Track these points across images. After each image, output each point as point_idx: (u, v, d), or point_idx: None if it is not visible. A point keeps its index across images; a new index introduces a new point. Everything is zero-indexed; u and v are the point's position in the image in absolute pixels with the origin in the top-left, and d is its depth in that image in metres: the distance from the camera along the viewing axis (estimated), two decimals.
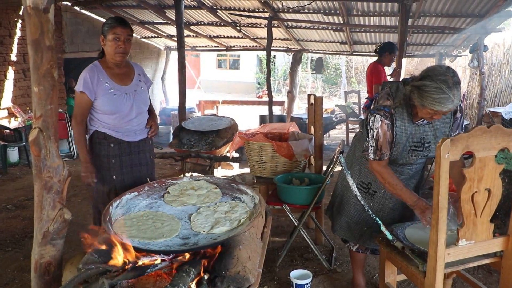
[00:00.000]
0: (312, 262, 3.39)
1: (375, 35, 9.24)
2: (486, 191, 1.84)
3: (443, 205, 1.72)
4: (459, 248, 1.92)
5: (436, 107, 2.08)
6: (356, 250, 2.79)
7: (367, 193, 2.61)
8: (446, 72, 2.09)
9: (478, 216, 1.87)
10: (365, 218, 2.58)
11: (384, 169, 2.36)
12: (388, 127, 2.31)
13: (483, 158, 1.77)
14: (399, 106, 2.31)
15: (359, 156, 2.62)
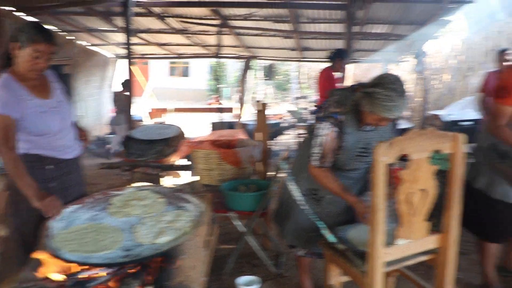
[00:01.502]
0: (260, 268, 3.41)
1: (324, 41, 9.44)
2: (421, 191, 1.92)
3: (379, 207, 1.79)
4: (397, 247, 1.99)
5: (385, 114, 2.17)
6: (303, 255, 2.83)
7: (314, 199, 2.64)
8: (396, 81, 2.19)
9: (414, 216, 1.95)
10: (312, 223, 2.63)
11: (323, 173, 2.41)
12: (335, 135, 2.37)
13: (418, 160, 1.85)
14: (348, 113, 2.38)
15: (306, 162, 2.65)
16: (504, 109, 2.57)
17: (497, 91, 2.63)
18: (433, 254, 2.17)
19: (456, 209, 2.03)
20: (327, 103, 2.51)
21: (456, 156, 1.95)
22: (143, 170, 4.82)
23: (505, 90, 2.56)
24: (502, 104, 2.58)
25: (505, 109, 2.57)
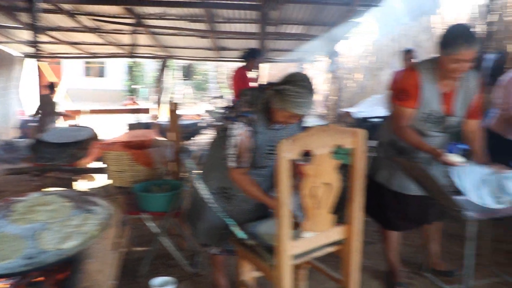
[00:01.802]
0: (176, 268, 3.39)
1: (240, 41, 9.53)
2: (325, 185, 2.00)
3: (284, 202, 1.84)
4: (304, 240, 2.06)
5: (295, 110, 2.25)
6: (216, 253, 2.85)
7: (225, 197, 2.66)
8: (305, 79, 2.28)
9: (319, 209, 2.03)
10: (222, 221, 2.64)
11: (243, 177, 2.42)
12: (249, 134, 2.40)
13: (321, 155, 1.93)
14: (258, 112, 2.42)
15: (216, 161, 2.65)
16: (404, 111, 2.71)
17: (398, 93, 2.76)
18: (339, 245, 2.27)
19: (358, 201, 2.13)
20: (238, 103, 2.53)
21: (357, 151, 2.05)
22: (55, 174, 4.62)
23: (405, 93, 2.69)
24: (403, 106, 2.71)
25: (406, 111, 2.70)
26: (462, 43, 2.45)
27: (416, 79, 2.66)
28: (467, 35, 2.48)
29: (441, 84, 2.69)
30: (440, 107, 2.72)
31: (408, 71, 2.75)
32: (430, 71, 2.68)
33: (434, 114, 2.72)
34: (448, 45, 2.50)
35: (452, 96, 2.74)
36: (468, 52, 2.46)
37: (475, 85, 2.77)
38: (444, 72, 2.62)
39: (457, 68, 2.53)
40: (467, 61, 2.51)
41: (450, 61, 2.52)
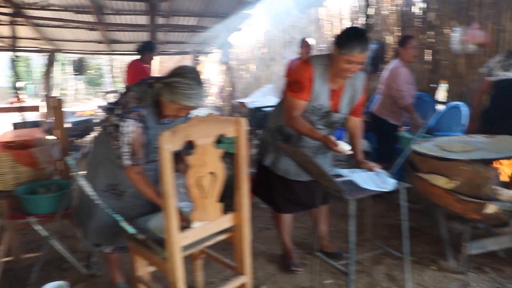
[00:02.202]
0: (71, 272, 3.26)
1: (132, 33, 9.26)
2: (210, 174, 2.03)
3: (169, 193, 1.84)
4: (195, 230, 2.07)
5: (186, 102, 2.26)
6: (110, 252, 2.78)
7: (115, 194, 2.60)
8: (193, 71, 2.31)
9: (206, 198, 2.05)
10: (112, 218, 2.58)
11: (139, 177, 2.38)
12: (141, 130, 2.35)
13: (204, 145, 1.95)
14: (148, 107, 2.38)
15: (103, 158, 2.58)
16: (297, 102, 2.78)
17: (292, 84, 2.82)
18: (230, 232, 2.31)
19: (245, 188, 2.19)
20: (123, 98, 2.45)
21: (240, 139, 2.10)
22: None
23: (299, 84, 2.76)
24: (296, 98, 2.78)
25: (299, 102, 2.78)
26: (356, 46, 2.56)
27: (310, 73, 2.75)
28: (361, 38, 2.60)
29: (332, 81, 2.81)
30: (328, 102, 2.85)
31: (303, 64, 2.82)
32: (322, 67, 2.77)
33: (322, 108, 2.84)
34: (342, 46, 2.60)
35: (340, 94, 2.88)
36: (360, 55, 2.59)
37: (361, 85, 2.93)
38: (335, 70, 2.73)
39: (348, 68, 2.65)
40: (359, 63, 2.64)
41: (343, 61, 2.62)
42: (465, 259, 3.08)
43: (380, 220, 4.15)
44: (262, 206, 4.40)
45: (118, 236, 2.62)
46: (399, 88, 4.49)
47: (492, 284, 2.95)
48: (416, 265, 3.22)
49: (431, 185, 2.90)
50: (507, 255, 3.28)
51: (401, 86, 4.50)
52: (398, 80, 4.50)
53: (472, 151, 3.07)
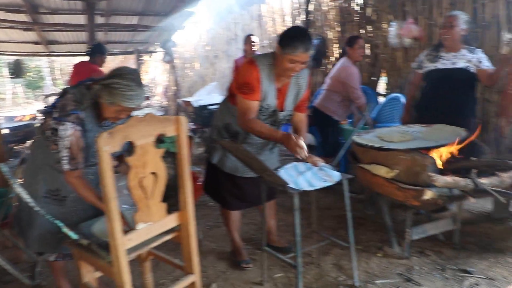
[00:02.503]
0: (14, 284, 3.13)
1: (71, 34, 8.97)
2: (152, 175, 2.00)
3: (111, 196, 1.80)
4: (139, 232, 2.04)
5: (126, 104, 2.21)
6: (55, 260, 2.69)
7: (57, 199, 2.52)
8: (133, 72, 2.27)
9: (149, 199, 2.03)
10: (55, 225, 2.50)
11: (79, 181, 2.31)
12: (80, 134, 2.28)
13: (144, 145, 1.92)
14: (86, 109, 2.31)
15: (42, 163, 2.49)
16: (251, 104, 2.74)
17: (242, 87, 2.76)
18: (176, 232, 2.29)
19: (188, 186, 2.17)
20: (60, 101, 2.37)
21: (180, 138, 2.09)
22: None
23: (248, 86, 2.72)
24: (248, 99, 2.73)
25: (252, 104, 2.74)
26: (299, 46, 2.57)
27: (257, 73, 2.73)
28: (304, 38, 2.60)
29: (277, 80, 2.81)
30: (275, 102, 2.85)
31: (248, 65, 2.78)
32: (267, 67, 2.76)
33: (269, 108, 2.85)
34: (285, 46, 2.60)
35: (285, 92, 2.90)
36: (304, 55, 2.61)
37: (305, 81, 2.95)
38: (279, 69, 2.73)
39: (292, 68, 2.66)
40: (302, 63, 2.65)
41: (286, 61, 2.63)
42: (408, 245, 3.19)
43: (328, 212, 4.23)
44: (211, 204, 4.41)
45: (61, 243, 2.54)
46: (355, 87, 4.61)
47: (433, 266, 3.07)
48: (363, 253, 3.30)
49: (373, 175, 2.99)
50: (446, 238, 3.42)
51: (356, 85, 4.62)
52: (353, 79, 4.62)
53: (410, 141, 3.19)
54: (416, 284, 2.85)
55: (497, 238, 3.47)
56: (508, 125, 3.67)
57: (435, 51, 3.82)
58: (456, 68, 3.68)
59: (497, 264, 3.06)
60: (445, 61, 3.73)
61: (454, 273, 2.96)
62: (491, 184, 2.63)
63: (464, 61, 3.68)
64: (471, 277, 2.90)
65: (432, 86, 3.81)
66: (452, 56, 3.71)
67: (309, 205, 3.20)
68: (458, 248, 3.31)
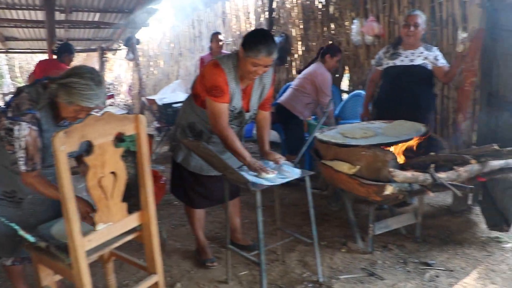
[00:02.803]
0: None
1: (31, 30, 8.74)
2: (111, 174, 1.96)
3: (68, 197, 1.76)
4: (99, 232, 2.00)
5: (84, 103, 2.14)
6: (11, 264, 2.60)
7: (13, 201, 2.44)
8: (92, 71, 2.20)
9: (109, 199, 1.99)
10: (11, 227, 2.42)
11: (37, 180, 2.23)
12: (36, 133, 2.21)
13: (102, 144, 1.88)
14: (43, 109, 2.24)
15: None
16: (221, 107, 2.70)
17: (211, 90, 2.71)
18: (138, 232, 2.26)
19: (149, 185, 2.14)
20: (15, 100, 2.29)
21: (140, 136, 2.05)
22: None
23: (217, 89, 2.68)
24: (219, 102, 2.70)
25: (222, 106, 2.71)
26: (262, 50, 2.56)
27: (224, 76, 2.71)
28: (267, 41, 2.59)
29: (241, 81, 2.80)
30: (241, 103, 2.84)
31: (214, 68, 2.74)
32: (232, 69, 2.74)
33: (235, 110, 2.83)
34: (249, 49, 2.59)
35: (250, 92, 2.89)
36: (266, 59, 2.59)
37: (269, 80, 2.94)
38: (243, 71, 2.71)
39: (255, 70, 2.65)
40: (265, 66, 2.64)
41: (249, 64, 2.61)
42: (371, 239, 3.24)
43: (294, 208, 4.26)
44: (176, 203, 4.38)
45: (18, 247, 2.46)
46: (328, 95, 4.67)
47: (396, 260, 3.13)
48: (327, 249, 3.34)
49: (336, 171, 3.02)
50: (408, 232, 3.49)
51: (329, 93, 4.69)
52: (327, 86, 4.70)
53: (372, 137, 3.24)
54: (379, 278, 2.90)
55: (456, 230, 3.58)
56: (465, 120, 3.78)
57: (394, 48, 3.90)
58: (413, 65, 3.77)
59: (456, 255, 3.15)
60: (404, 58, 3.81)
61: (415, 266, 3.03)
62: (449, 178, 2.70)
63: (422, 58, 3.77)
64: (432, 269, 2.97)
65: (390, 82, 3.89)
66: (410, 54, 3.80)
67: (274, 202, 3.20)
68: (419, 241, 3.39)
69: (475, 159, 2.79)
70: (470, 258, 3.11)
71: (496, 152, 2.74)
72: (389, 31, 5.11)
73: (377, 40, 5.26)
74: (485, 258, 3.10)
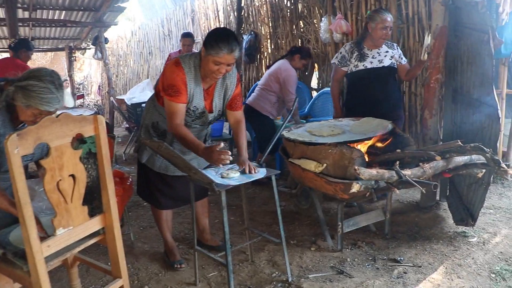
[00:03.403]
0: None
1: None
2: (70, 177, 1.90)
3: (24, 201, 1.70)
4: (59, 237, 1.94)
5: (44, 107, 2.08)
6: None
7: None
8: (52, 74, 2.14)
9: (69, 203, 1.93)
10: None
11: None
12: None
13: (59, 146, 1.82)
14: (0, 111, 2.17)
15: None
16: (177, 106, 2.65)
17: (167, 89, 2.67)
18: (101, 235, 2.20)
19: (111, 188, 2.09)
20: None
21: (99, 138, 2.00)
22: None
23: (174, 88, 2.64)
24: (175, 102, 2.65)
25: (178, 106, 2.66)
26: (223, 47, 2.51)
27: (183, 75, 2.66)
28: (229, 39, 2.54)
29: (203, 81, 2.75)
30: (203, 103, 2.78)
31: (174, 66, 2.70)
32: (193, 68, 2.70)
33: (196, 110, 2.78)
34: (210, 47, 2.54)
35: (213, 93, 2.83)
36: (228, 57, 2.55)
37: (233, 80, 2.88)
38: (205, 71, 2.67)
39: (217, 69, 2.60)
40: (227, 64, 2.59)
41: (211, 62, 2.57)
42: (341, 237, 3.24)
43: (264, 207, 4.25)
44: (145, 205, 4.31)
45: None
46: (293, 92, 4.67)
47: (365, 257, 3.15)
48: (297, 248, 3.33)
49: (303, 170, 3.01)
50: (378, 229, 3.52)
51: (293, 90, 4.69)
52: (291, 82, 4.70)
53: (340, 134, 3.24)
54: (348, 276, 2.90)
55: (424, 226, 3.62)
56: (431, 117, 3.82)
57: (358, 48, 3.88)
58: (384, 67, 3.81)
59: (424, 251, 3.18)
60: (372, 59, 3.82)
61: (384, 263, 3.05)
62: (414, 175, 2.72)
63: (389, 58, 3.81)
64: (400, 265, 2.99)
65: (363, 85, 3.87)
66: (376, 53, 3.81)
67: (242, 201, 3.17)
68: (388, 238, 3.41)
69: (440, 156, 2.82)
70: (437, 253, 3.14)
71: (460, 148, 2.78)
72: (357, 28, 5.14)
73: (345, 37, 5.28)
74: (452, 253, 3.14)
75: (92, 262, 2.48)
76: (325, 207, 4.04)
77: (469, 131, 3.41)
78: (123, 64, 11.89)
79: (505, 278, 2.78)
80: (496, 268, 2.90)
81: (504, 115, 4.32)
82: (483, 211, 3.77)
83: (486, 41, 3.03)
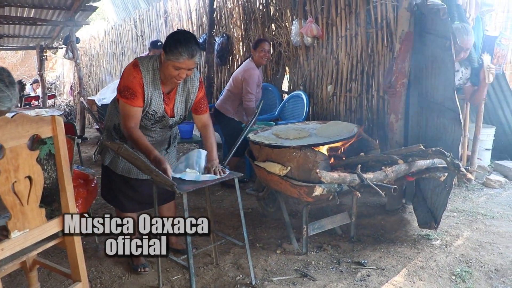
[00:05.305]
0: None
1: None
2: (26, 179, 1.87)
3: None
4: (13, 240, 1.90)
5: None
6: None
7: None
8: (2, 71, 2.10)
9: (25, 205, 1.89)
10: None
11: None
12: None
13: (15, 147, 1.78)
14: None
15: None
16: (132, 110, 2.62)
17: (122, 91, 2.63)
18: (60, 238, 2.16)
19: (70, 189, 2.06)
20: None
21: (58, 139, 1.97)
22: None
23: (130, 91, 2.60)
24: (130, 105, 2.61)
25: (133, 109, 2.62)
26: (183, 52, 2.48)
27: (140, 78, 2.62)
28: (189, 44, 2.50)
29: (163, 84, 2.71)
30: (162, 107, 2.75)
31: (131, 69, 2.66)
32: (152, 71, 2.66)
33: (155, 114, 2.75)
34: (169, 52, 2.50)
35: (174, 97, 2.80)
36: (188, 62, 2.51)
37: (195, 84, 2.85)
38: (165, 75, 2.64)
39: (177, 74, 2.57)
40: (187, 69, 2.56)
41: (171, 67, 2.53)
42: (306, 240, 3.26)
43: (231, 210, 4.24)
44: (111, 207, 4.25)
45: None
46: (251, 92, 4.64)
47: (330, 260, 3.17)
48: (262, 251, 3.33)
49: (268, 173, 3.02)
50: (343, 232, 3.55)
51: (253, 90, 4.65)
52: (251, 82, 4.65)
53: (306, 137, 3.27)
54: (312, 279, 2.91)
55: (389, 229, 3.67)
56: (398, 121, 3.88)
57: None
58: None
59: (388, 254, 3.22)
60: None
61: (348, 266, 3.07)
62: (376, 178, 2.76)
63: None
64: (364, 268, 3.03)
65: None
66: None
67: (212, 204, 3.17)
68: (354, 241, 3.45)
69: (403, 159, 2.86)
70: (401, 256, 3.19)
71: (422, 152, 2.83)
72: (327, 32, 5.18)
73: (315, 41, 5.32)
74: (415, 255, 3.19)
75: (52, 265, 2.44)
76: (293, 210, 4.06)
77: (433, 134, 3.47)
78: (96, 64, 11.74)
79: (464, 280, 2.84)
80: (457, 270, 2.96)
81: (469, 120, 4.41)
82: (447, 214, 3.85)
83: (448, 47, 3.09)
